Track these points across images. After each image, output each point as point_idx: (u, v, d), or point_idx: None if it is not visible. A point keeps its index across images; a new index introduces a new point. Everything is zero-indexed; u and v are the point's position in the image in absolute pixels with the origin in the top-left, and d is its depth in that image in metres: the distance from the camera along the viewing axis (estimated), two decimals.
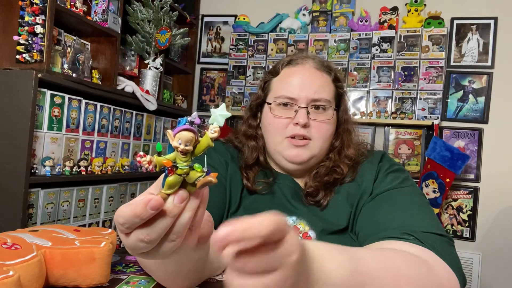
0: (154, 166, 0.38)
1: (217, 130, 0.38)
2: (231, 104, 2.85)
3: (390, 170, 0.91)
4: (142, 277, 0.79)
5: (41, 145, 1.70)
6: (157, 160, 0.38)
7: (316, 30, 2.75)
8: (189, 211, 0.41)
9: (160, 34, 2.35)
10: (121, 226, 0.41)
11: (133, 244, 0.42)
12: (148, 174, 2.40)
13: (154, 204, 0.38)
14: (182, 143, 0.38)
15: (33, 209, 1.68)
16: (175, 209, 0.40)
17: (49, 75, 1.67)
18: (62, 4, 1.79)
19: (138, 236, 0.41)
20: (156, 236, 0.41)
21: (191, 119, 0.39)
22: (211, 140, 0.39)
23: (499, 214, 2.46)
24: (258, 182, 0.95)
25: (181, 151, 0.38)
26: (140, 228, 0.41)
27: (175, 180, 0.39)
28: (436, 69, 2.51)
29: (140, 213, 0.39)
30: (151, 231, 0.40)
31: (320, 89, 0.92)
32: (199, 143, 0.39)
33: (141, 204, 0.38)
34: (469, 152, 2.50)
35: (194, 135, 0.38)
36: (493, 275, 2.45)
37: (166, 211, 0.40)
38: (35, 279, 0.60)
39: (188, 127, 0.38)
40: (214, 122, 0.38)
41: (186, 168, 0.38)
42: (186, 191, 0.40)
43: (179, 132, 0.38)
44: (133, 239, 0.41)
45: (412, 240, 0.69)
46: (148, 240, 0.41)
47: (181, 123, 0.38)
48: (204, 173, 0.39)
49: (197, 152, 0.39)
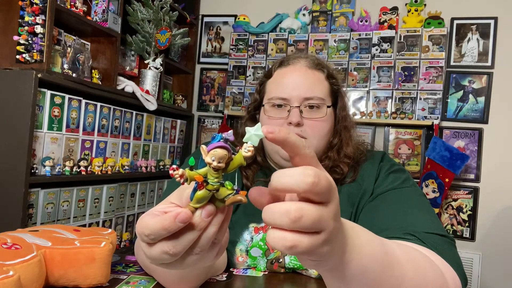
0: (185, 180, 0.38)
1: (252, 150, 0.38)
2: (231, 104, 2.85)
3: (391, 170, 0.91)
4: (142, 277, 0.79)
5: (41, 145, 1.70)
6: (188, 174, 0.38)
7: (316, 30, 2.75)
8: (215, 226, 0.41)
9: (160, 34, 2.35)
10: (146, 237, 0.41)
11: (157, 255, 0.41)
12: (148, 174, 2.40)
13: (183, 217, 0.38)
14: (216, 160, 0.38)
15: (33, 209, 1.68)
16: (202, 223, 0.40)
17: (49, 75, 1.67)
18: (62, 4, 1.79)
19: (163, 248, 0.41)
20: (181, 249, 0.41)
21: (226, 136, 0.39)
22: (244, 159, 0.39)
23: (499, 214, 2.46)
24: (257, 181, 0.95)
25: (213, 168, 0.38)
26: (165, 240, 0.41)
27: (205, 195, 0.39)
28: (436, 69, 2.51)
29: (168, 226, 0.39)
30: (177, 243, 0.40)
31: (312, 87, 0.92)
32: (232, 161, 0.39)
33: (171, 217, 0.39)
34: (469, 152, 2.50)
35: (228, 153, 0.39)
36: (493, 275, 2.45)
37: (193, 224, 0.40)
38: (35, 279, 0.60)
39: (222, 145, 0.38)
40: (249, 141, 0.38)
41: (217, 184, 0.39)
42: (214, 206, 0.40)
43: (214, 149, 0.38)
44: (157, 251, 0.41)
45: (414, 240, 0.69)
46: (173, 253, 0.41)
47: (216, 139, 0.39)
48: (234, 191, 0.39)
49: (229, 170, 0.39)
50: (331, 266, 0.43)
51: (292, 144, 0.38)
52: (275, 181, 0.37)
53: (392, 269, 0.49)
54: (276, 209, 0.37)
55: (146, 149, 2.42)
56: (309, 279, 0.88)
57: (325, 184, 0.37)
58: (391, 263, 0.50)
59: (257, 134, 0.38)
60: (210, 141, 0.39)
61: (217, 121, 2.99)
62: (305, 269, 0.88)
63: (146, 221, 0.41)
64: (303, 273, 0.90)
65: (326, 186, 0.37)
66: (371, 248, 0.47)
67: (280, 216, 0.36)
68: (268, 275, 0.88)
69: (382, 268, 0.48)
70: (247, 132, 0.39)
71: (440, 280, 0.59)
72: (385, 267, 0.48)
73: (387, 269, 0.49)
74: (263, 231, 0.92)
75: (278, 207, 0.37)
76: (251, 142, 0.38)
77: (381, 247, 0.49)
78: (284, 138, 0.37)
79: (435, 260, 0.64)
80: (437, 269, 0.61)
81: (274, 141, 0.38)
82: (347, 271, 0.45)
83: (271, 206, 0.37)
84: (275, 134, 0.37)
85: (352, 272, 0.45)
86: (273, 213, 0.37)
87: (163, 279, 0.70)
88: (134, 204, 2.37)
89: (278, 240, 0.37)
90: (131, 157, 2.28)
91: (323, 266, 0.43)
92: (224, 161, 0.38)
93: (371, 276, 0.47)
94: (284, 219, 0.36)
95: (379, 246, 0.49)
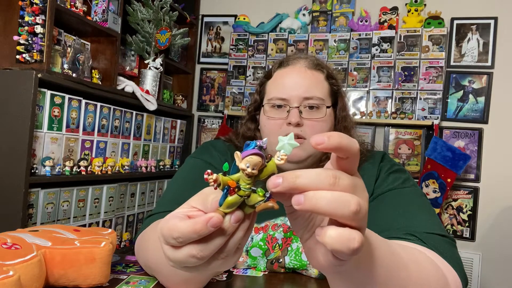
0: (218, 185, 0.39)
1: (285, 158, 0.39)
2: (231, 104, 2.85)
3: (391, 170, 0.92)
4: (142, 277, 0.79)
5: (41, 145, 1.70)
6: (222, 179, 0.39)
7: (316, 30, 2.75)
8: (242, 231, 0.41)
9: (160, 34, 2.35)
10: (174, 240, 0.41)
11: (183, 258, 0.41)
12: (148, 174, 2.40)
13: (215, 222, 0.38)
14: (250, 166, 0.39)
15: (33, 209, 1.68)
16: (230, 228, 0.40)
17: (49, 75, 1.67)
18: (62, 4, 1.79)
19: (190, 251, 0.41)
20: (209, 253, 0.41)
21: (261, 144, 0.39)
22: (276, 167, 0.39)
23: (499, 214, 2.46)
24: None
25: (247, 174, 0.39)
26: (193, 244, 0.41)
27: (236, 200, 0.39)
28: (436, 69, 2.51)
29: (200, 229, 0.39)
30: (205, 248, 0.40)
31: (312, 87, 0.92)
32: (265, 168, 0.40)
33: (203, 221, 0.39)
34: (469, 152, 2.50)
35: (262, 160, 0.39)
36: (493, 275, 2.45)
37: (222, 229, 0.40)
38: (35, 279, 0.60)
39: (258, 152, 0.39)
40: (282, 150, 0.39)
41: (249, 190, 0.39)
42: (242, 212, 0.41)
43: (249, 156, 0.39)
44: (184, 254, 0.41)
45: (414, 241, 0.69)
46: (200, 257, 0.41)
47: (250, 146, 0.39)
48: (265, 198, 0.40)
49: (261, 177, 0.40)
50: (346, 268, 0.41)
51: (346, 147, 0.36)
52: (309, 203, 0.34)
53: (398, 270, 0.49)
54: (336, 197, 0.34)
55: (146, 149, 2.42)
56: (309, 279, 0.88)
57: (365, 212, 0.36)
58: (397, 264, 0.49)
59: (291, 143, 0.39)
60: (243, 148, 0.40)
61: (217, 121, 2.99)
62: (305, 269, 0.88)
63: (176, 224, 0.40)
64: (303, 273, 0.90)
65: (365, 214, 0.36)
66: (380, 250, 0.47)
67: (343, 205, 0.34)
68: (268, 275, 0.88)
69: (389, 269, 0.48)
70: (280, 141, 0.39)
71: (442, 281, 0.59)
72: (392, 268, 0.48)
73: (394, 270, 0.48)
74: (263, 231, 0.92)
75: (338, 195, 0.35)
76: (284, 151, 0.39)
77: (388, 248, 0.49)
78: (338, 144, 0.35)
79: (436, 260, 0.64)
80: (439, 270, 0.61)
81: (326, 150, 0.35)
82: (358, 273, 0.44)
83: (322, 192, 0.35)
84: (326, 144, 0.34)
85: (363, 273, 0.44)
86: (333, 200, 0.34)
87: (167, 280, 0.70)
88: (134, 204, 2.37)
89: (346, 241, 0.35)
90: (131, 157, 2.28)
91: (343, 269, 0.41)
92: (258, 168, 0.39)
93: (380, 278, 0.46)
94: (346, 210, 0.34)
95: (386, 247, 0.48)
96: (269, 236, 0.91)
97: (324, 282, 0.86)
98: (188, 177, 0.94)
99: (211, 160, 0.98)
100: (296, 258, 0.88)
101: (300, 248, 0.89)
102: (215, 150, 1.00)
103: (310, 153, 0.92)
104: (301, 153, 0.91)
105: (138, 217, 2.41)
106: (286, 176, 0.36)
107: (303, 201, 0.34)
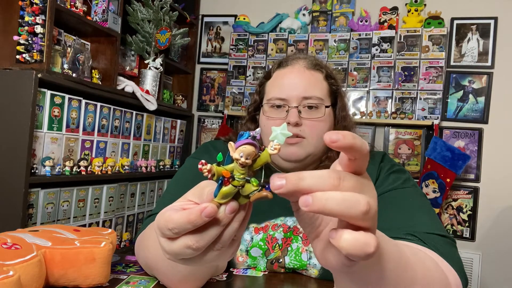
0: (212, 175, 0.39)
1: (278, 148, 0.39)
2: (231, 104, 2.85)
3: (391, 170, 0.92)
4: (142, 277, 0.79)
5: (41, 145, 1.70)
6: (216, 169, 0.39)
7: (316, 30, 2.75)
8: (237, 222, 0.41)
9: (160, 34, 2.35)
10: (169, 231, 0.41)
11: (178, 249, 0.42)
12: (148, 174, 2.40)
13: (209, 211, 0.38)
14: (244, 156, 0.39)
15: (33, 209, 1.68)
16: (225, 219, 0.40)
17: (49, 75, 1.67)
18: (62, 4, 1.79)
19: (186, 242, 0.41)
20: (205, 244, 0.41)
21: (254, 134, 0.40)
22: (270, 156, 0.40)
23: (499, 214, 2.46)
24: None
25: (240, 164, 0.39)
26: (189, 235, 0.41)
27: (230, 190, 0.39)
28: (436, 69, 2.51)
29: (194, 219, 0.39)
30: (201, 238, 0.41)
31: (311, 87, 0.92)
32: (259, 158, 0.40)
33: (197, 211, 0.39)
34: (469, 152, 2.50)
35: (255, 150, 0.39)
36: (493, 275, 2.45)
37: (217, 220, 0.40)
38: (35, 279, 0.60)
39: (251, 142, 0.39)
40: (275, 139, 0.39)
41: (243, 180, 0.39)
42: (237, 202, 0.41)
43: (242, 146, 0.39)
44: (180, 245, 0.41)
45: (415, 241, 0.69)
46: (196, 247, 0.41)
47: (244, 136, 0.39)
48: (260, 188, 0.40)
49: (255, 166, 0.40)
50: (355, 269, 0.41)
51: (358, 148, 0.35)
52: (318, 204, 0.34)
53: (405, 270, 0.49)
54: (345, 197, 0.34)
55: (146, 149, 2.42)
56: (309, 279, 0.88)
57: (375, 211, 0.35)
58: (405, 264, 0.49)
59: (283, 133, 0.39)
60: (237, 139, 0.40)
61: (217, 121, 2.99)
62: (305, 269, 0.88)
63: (170, 215, 0.41)
64: (303, 273, 0.90)
65: (375, 213, 0.36)
66: (388, 250, 0.46)
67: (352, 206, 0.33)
68: (268, 275, 0.88)
69: (397, 269, 0.47)
70: (273, 131, 0.39)
71: (443, 281, 0.59)
72: (400, 268, 0.48)
73: (401, 270, 0.48)
74: (263, 231, 0.92)
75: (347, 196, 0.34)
76: (277, 141, 0.39)
77: (395, 248, 0.48)
78: (351, 144, 0.34)
79: (437, 260, 0.64)
80: (440, 270, 0.61)
81: (340, 149, 0.35)
82: (367, 273, 0.43)
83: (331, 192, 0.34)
84: (340, 142, 0.34)
85: (372, 273, 0.44)
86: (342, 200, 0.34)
87: (167, 278, 0.70)
88: (134, 204, 2.37)
89: (362, 245, 0.34)
90: (131, 157, 2.28)
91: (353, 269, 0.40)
92: (251, 158, 0.39)
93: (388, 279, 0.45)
94: (356, 210, 0.34)
95: (394, 247, 0.48)
96: (269, 236, 0.91)
97: (324, 282, 0.86)
98: (188, 177, 0.94)
99: (211, 161, 0.98)
100: (296, 258, 0.88)
101: (300, 248, 0.89)
102: (215, 150, 1.00)
103: (309, 152, 0.92)
104: (300, 152, 0.91)
105: (138, 217, 2.41)
106: (290, 177, 0.35)
107: (311, 202, 0.34)
